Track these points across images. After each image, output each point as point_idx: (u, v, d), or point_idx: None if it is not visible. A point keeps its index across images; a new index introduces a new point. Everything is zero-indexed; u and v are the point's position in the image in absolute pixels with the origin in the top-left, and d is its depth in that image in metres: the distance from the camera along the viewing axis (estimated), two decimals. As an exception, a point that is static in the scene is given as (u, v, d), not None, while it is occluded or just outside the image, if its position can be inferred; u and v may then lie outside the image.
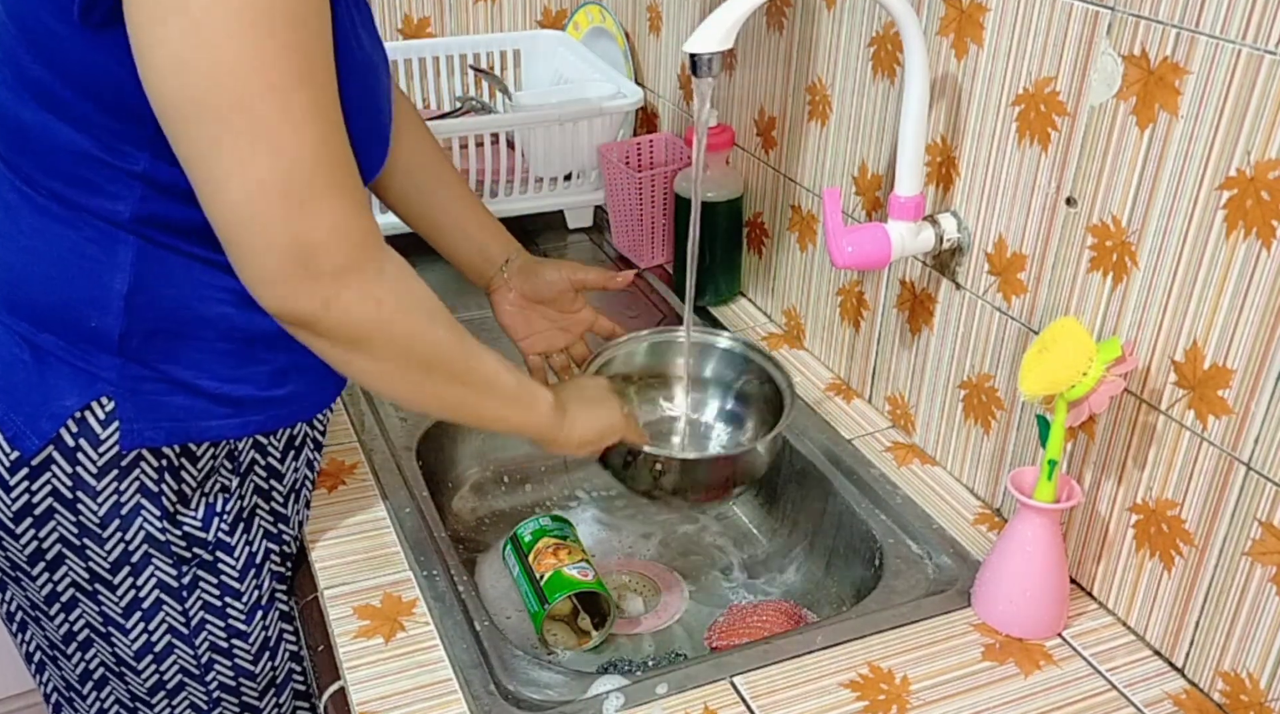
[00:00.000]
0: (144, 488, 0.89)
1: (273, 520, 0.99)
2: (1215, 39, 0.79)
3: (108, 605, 0.92)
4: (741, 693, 0.89)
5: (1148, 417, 0.90)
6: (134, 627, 0.93)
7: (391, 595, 0.98)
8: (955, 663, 0.92)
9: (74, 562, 0.90)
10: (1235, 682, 0.87)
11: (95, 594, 0.92)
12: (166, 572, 0.92)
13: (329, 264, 0.74)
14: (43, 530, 0.89)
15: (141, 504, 0.89)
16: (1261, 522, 0.82)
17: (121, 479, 0.88)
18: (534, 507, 1.29)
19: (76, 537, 0.89)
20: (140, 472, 0.88)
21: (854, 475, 1.14)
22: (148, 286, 0.84)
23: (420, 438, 1.20)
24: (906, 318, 1.17)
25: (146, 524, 0.90)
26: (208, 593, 0.95)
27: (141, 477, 0.88)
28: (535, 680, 0.91)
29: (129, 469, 0.88)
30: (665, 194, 1.50)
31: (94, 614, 0.93)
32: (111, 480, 0.88)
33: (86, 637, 0.95)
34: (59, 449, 0.86)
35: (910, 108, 1.00)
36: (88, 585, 0.91)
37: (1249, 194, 0.79)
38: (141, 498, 0.89)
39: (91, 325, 0.84)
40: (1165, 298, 0.87)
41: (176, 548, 0.92)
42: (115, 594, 0.92)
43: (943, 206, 1.08)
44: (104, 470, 0.87)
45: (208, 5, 0.68)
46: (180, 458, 0.90)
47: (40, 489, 0.87)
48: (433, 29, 1.76)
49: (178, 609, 0.94)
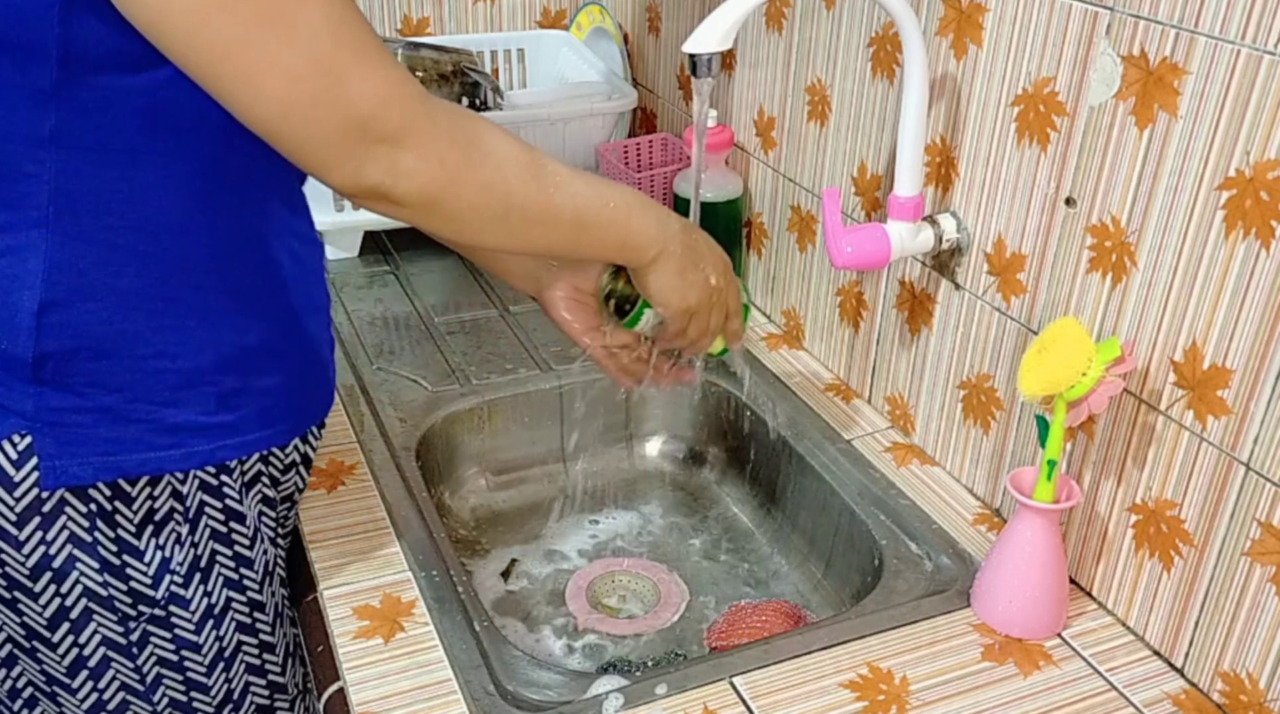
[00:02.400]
0: (74, 537, 0.79)
1: (234, 566, 0.89)
2: (1214, 39, 0.79)
3: (49, 664, 0.84)
4: (741, 693, 0.89)
5: (1147, 417, 0.90)
6: (81, 685, 0.85)
7: (391, 596, 0.98)
8: (955, 663, 0.92)
9: (7, 616, 0.81)
10: (1235, 682, 0.87)
11: (34, 652, 0.83)
12: (112, 629, 0.83)
13: (384, 130, 0.71)
14: None
15: (75, 555, 0.80)
16: (1261, 522, 0.82)
17: (46, 527, 0.78)
18: (534, 507, 1.29)
19: (7, 590, 0.80)
20: (66, 519, 0.79)
21: (853, 476, 1.14)
22: (65, 302, 0.74)
23: (419, 438, 1.20)
24: (906, 318, 1.17)
25: (84, 578, 0.80)
26: (162, 649, 0.86)
27: (69, 525, 0.79)
28: (535, 681, 0.91)
29: (53, 516, 0.78)
30: (665, 195, 1.50)
31: (35, 672, 0.85)
32: (34, 529, 0.78)
33: (31, 695, 0.86)
34: None
35: (909, 108, 1.00)
36: (25, 642, 0.83)
37: (1248, 194, 0.79)
38: (74, 548, 0.79)
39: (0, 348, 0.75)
40: (1164, 298, 0.87)
41: (121, 604, 0.83)
42: (56, 652, 0.83)
43: (942, 207, 1.08)
44: (24, 518, 0.77)
45: None
46: (113, 501, 0.80)
47: None
48: (432, 29, 1.76)
49: (129, 665, 0.85)
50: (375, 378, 1.29)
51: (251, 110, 0.69)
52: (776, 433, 1.22)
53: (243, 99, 0.69)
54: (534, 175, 0.81)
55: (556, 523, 1.27)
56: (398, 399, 1.25)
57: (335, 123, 0.70)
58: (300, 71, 0.68)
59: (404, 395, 1.26)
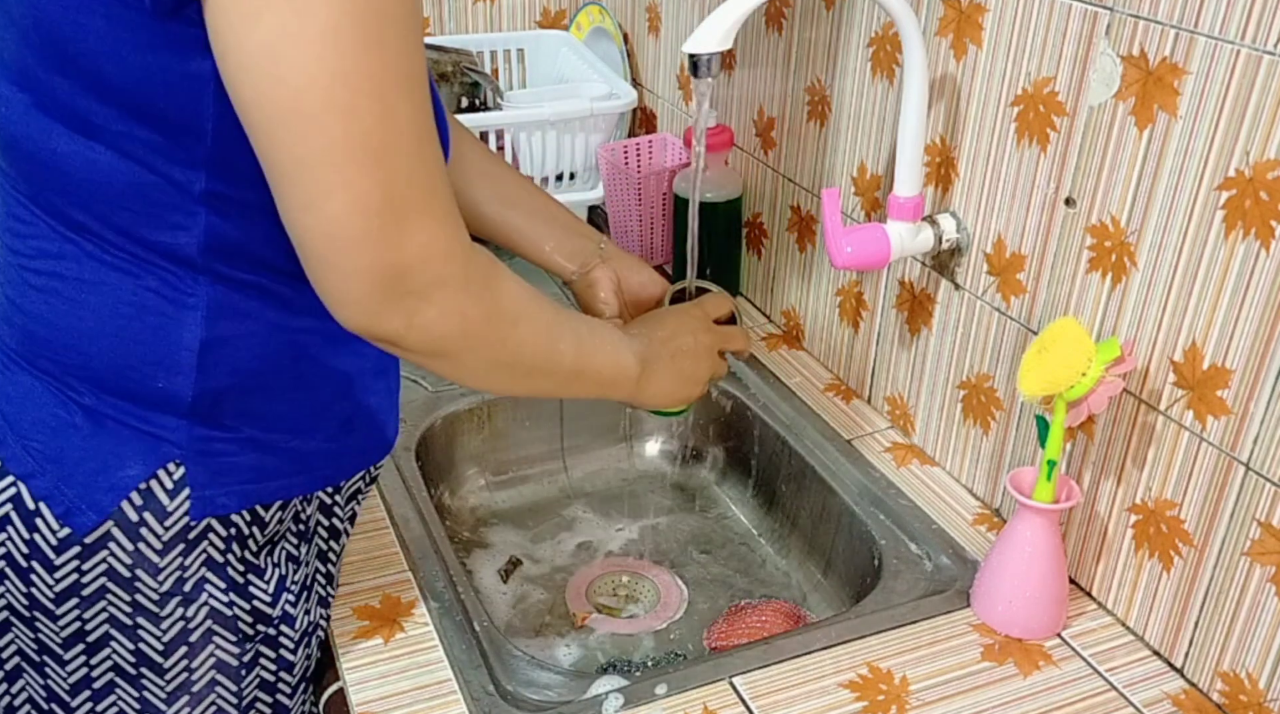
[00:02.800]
0: (209, 560, 0.79)
1: (325, 583, 0.91)
2: (1214, 39, 0.79)
3: (150, 691, 0.82)
4: (741, 693, 0.89)
5: (1147, 417, 0.90)
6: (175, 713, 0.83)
7: (391, 596, 0.98)
8: (954, 663, 0.92)
9: (120, 643, 0.80)
10: (1234, 682, 0.87)
11: (138, 679, 0.81)
12: (228, 651, 0.82)
13: (416, 283, 0.69)
14: (88, 611, 0.78)
15: (206, 578, 0.80)
16: (1260, 522, 0.83)
17: (187, 553, 0.78)
18: (533, 507, 1.29)
19: (129, 616, 0.79)
20: (207, 543, 0.79)
21: (853, 476, 1.14)
22: (224, 340, 0.76)
23: (419, 438, 1.20)
24: (906, 318, 1.17)
25: (212, 599, 0.80)
26: (265, 669, 0.85)
27: (209, 549, 0.79)
28: (534, 681, 0.91)
29: (196, 541, 0.78)
30: (664, 195, 1.50)
31: (131, 701, 0.82)
32: (177, 555, 0.78)
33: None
34: (120, 524, 0.76)
35: (909, 108, 1.00)
36: (131, 670, 0.81)
37: (1248, 194, 0.79)
38: (207, 571, 0.79)
39: (159, 386, 0.75)
40: (1164, 298, 0.87)
41: (243, 624, 0.82)
42: (164, 678, 0.82)
43: (942, 207, 1.08)
44: (169, 545, 0.78)
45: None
46: (250, 526, 0.81)
47: (93, 569, 0.77)
48: (432, 29, 1.76)
49: (231, 690, 0.84)
50: (375, 378, 1.29)
51: (300, 221, 0.67)
52: (776, 433, 1.22)
53: (296, 208, 0.66)
54: (547, 329, 0.81)
55: (556, 523, 1.27)
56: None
57: (373, 265, 0.67)
58: (366, 204, 0.65)
59: (404, 396, 1.25)
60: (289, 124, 0.63)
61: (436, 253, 0.69)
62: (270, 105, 0.63)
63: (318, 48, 0.61)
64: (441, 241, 0.69)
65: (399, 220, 0.66)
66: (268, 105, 0.63)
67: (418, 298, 0.69)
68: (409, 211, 0.67)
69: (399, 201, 0.66)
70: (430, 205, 0.68)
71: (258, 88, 0.63)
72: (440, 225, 0.69)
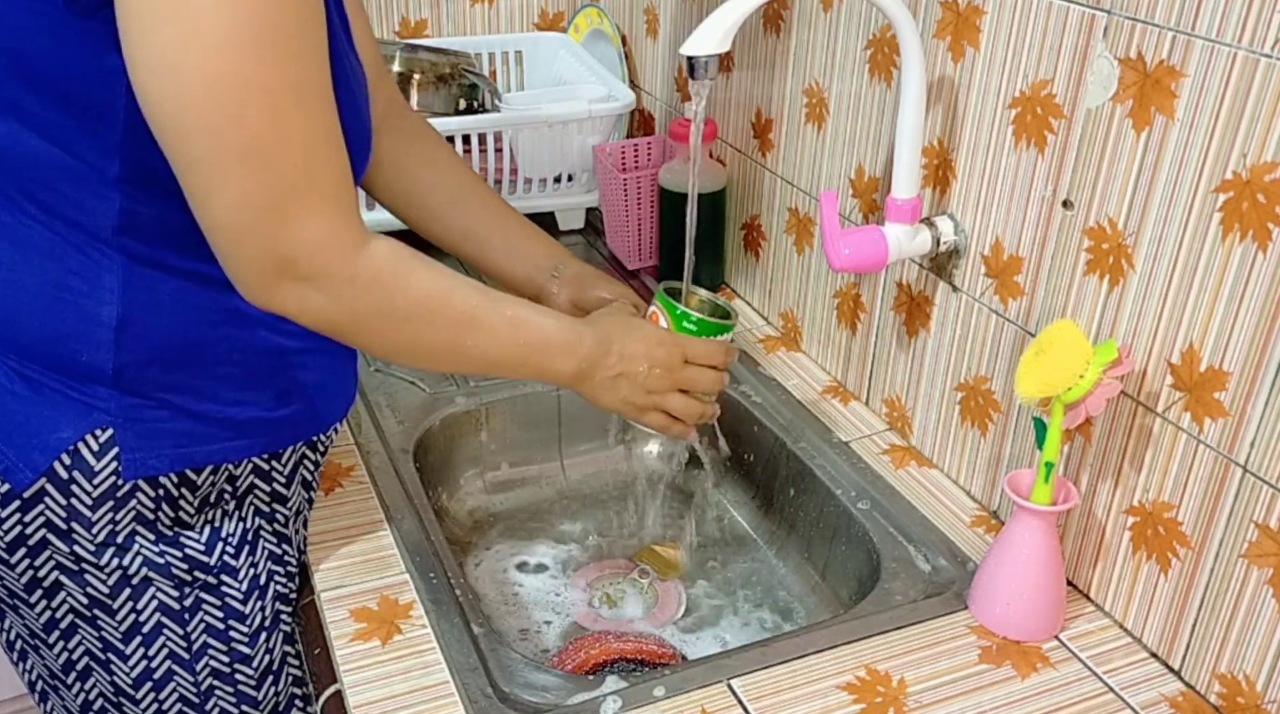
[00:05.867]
0: (139, 516, 0.87)
1: (276, 541, 0.97)
2: (1211, 42, 0.79)
3: (107, 631, 0.90)
4: (739, 695, 0.89)
5: (1144, 419, 0.90)
6: (133, 653, 0.91)
7: (388, 598, 0.98)
8: (952, 665, 0.92)
9: (72, 588, 0.88)
10: (1232, 684, 0.87)
11: (94, 619, 0.90)
12: (168, 594, 0.90)
13: (302, 272, 0.75)
14: (38, 560, 0.87)
15: (137, 530, 0.87)
16: (1258, 524, 0.83)
17: (117, 510, 0.86)
18: (531, 509, 1.29)
19: (73, 563, 0.87)
20: (136, 502, 0.86)
21: (851, 478, 1.14)
22: (138, 317, 0.82)
23: (417, 440, 1.20)
24: (903, 320, 1.17)
25: (144, 549, 0.88)
26: (211, 615, 0.92)
27: (138, 507, 0.86)
28: (532, 683, 0.91)
29: (125, 499, 0.86)
30: (650, 189, 1.49)
31: (94, 640, 0.91)
32: (107, 511, 0.85)
33: (86, 665, 0.93)
34: (53, 482, 0.84)
35: (907, 110, 1.00)
36: (86, 611, 0.89)
37: (1245, 197, 0.79)
38: (138, 525, 0.87)
39: (82, 360, 0.82)
40: (1162, 300, 0.87)
41: (177, 570, 0.90)
42: (115, 619, 0.90)
43: (939, 209, 1.08)
44: (99, 501, 0.85)
45: (210, 11, 0.66)
46: (179, 487, 0.88)
47: (33, 521, 0.85)
48: (430, 31, 1.76)
49: (179, 633, 0.92)
50: (373, 380, 1.29)
51: (198, 212, 0.73)
52: (774, 435, 1.22)
53: (194, 199, 0.73)
54: (450, 327, 0.84)
55: (555, 525, 1.27)
56: (395, 401, 1.25)
57: (259, 254, 0.73)
58: (251, 201, 0.71)
59: (402, 398, 1.26)
60: (185, 126, 0.69)
61: (321, 247, 0.75)
62: (169, 107, 0.69)
63: (213, 59, 0.67)
64: (327, 237, 0.75)
65: (283, 218, 0.72)
66: (167, 107, 0.69)
67: (305, 285, 0.75)
68: (294, 210, 0.73)
69: (283, 201, 0.72)
70: (320, 205, 0.74)
71: (159, 91, 0.69)
72: (327, 222, 0.75)
